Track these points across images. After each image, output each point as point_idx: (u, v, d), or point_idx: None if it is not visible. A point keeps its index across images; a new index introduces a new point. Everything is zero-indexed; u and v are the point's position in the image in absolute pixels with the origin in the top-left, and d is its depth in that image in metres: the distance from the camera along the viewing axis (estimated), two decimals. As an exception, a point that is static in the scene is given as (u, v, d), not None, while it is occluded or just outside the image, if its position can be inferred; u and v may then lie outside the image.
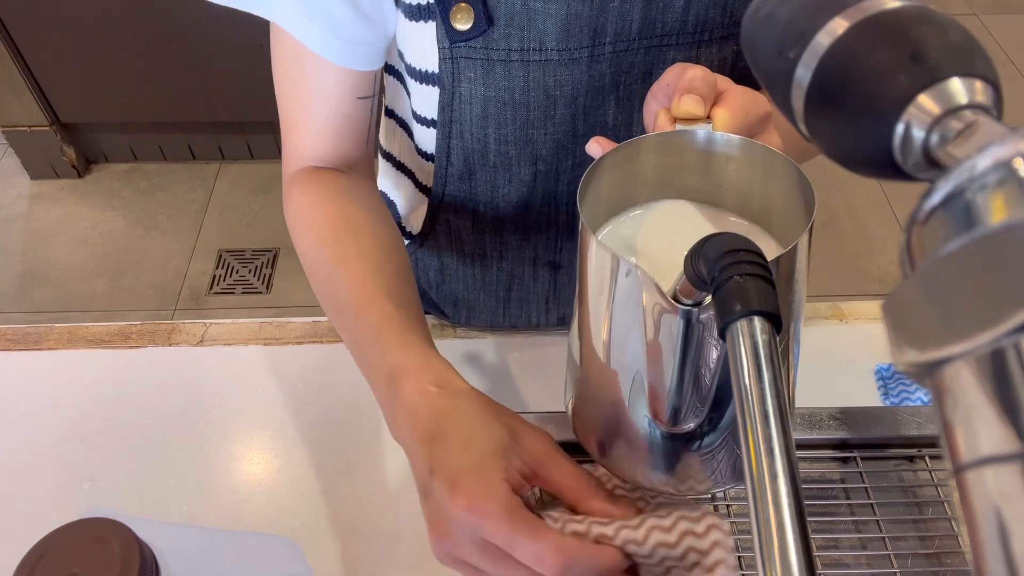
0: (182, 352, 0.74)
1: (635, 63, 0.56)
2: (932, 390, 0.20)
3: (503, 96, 0.57)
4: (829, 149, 0.28)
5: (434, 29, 0.54)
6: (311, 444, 0.67)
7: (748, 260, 0.29)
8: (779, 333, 0.28)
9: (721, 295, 0.29)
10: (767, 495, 0.25)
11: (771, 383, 0.27)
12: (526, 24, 0.53)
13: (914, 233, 0.22)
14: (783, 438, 0.26)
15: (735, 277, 0.29)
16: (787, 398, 0.28)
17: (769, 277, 0.29)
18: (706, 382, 0.39)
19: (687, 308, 0.35)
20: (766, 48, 0.29)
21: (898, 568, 0.56)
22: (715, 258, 0.30)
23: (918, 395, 0.67)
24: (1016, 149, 0.20)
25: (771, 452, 0.25)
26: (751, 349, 0.27)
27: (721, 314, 0.29)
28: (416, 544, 0.61)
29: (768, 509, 0.24)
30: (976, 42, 0.24)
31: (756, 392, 0.27)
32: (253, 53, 1.91)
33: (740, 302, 0.28)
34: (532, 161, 0.62)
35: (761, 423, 0.26)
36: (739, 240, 0.31)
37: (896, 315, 0.21)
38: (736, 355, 0.28)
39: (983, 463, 0.18)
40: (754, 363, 0.27)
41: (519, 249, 0.71)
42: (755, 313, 0.28)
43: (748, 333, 0.28)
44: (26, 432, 0.68)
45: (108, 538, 0.38)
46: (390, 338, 0.49)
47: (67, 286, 1.98)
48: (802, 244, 0.36)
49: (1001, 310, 0.17)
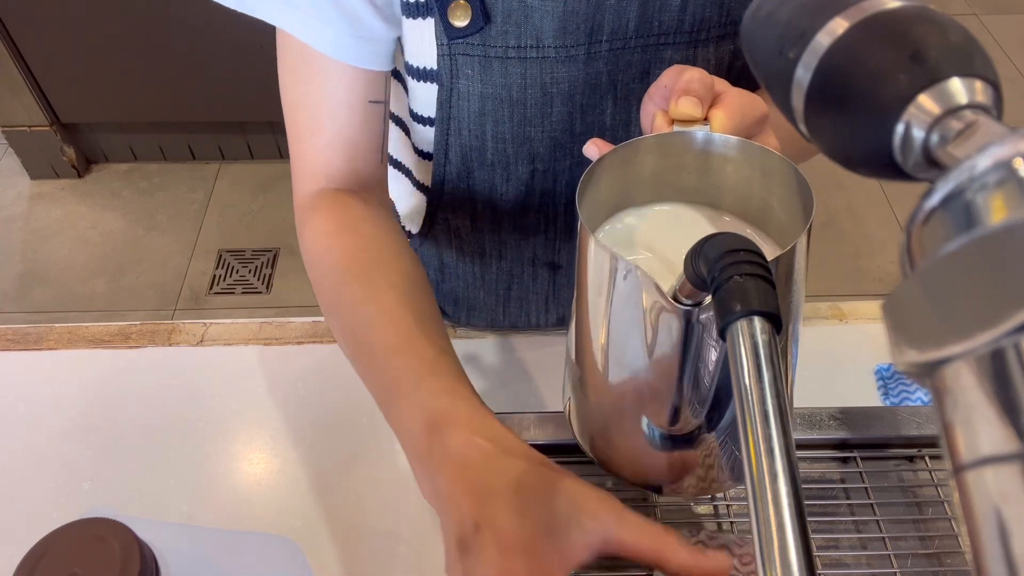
0: (182, 352, 0.74)
1: (632, 61, 0.56)
2: (932, 390, 0.20)
3: (500, 93, 0.57)
4: (829, 149, 0.28)
5: (432, 26, 0.54)
6: (311, 444, 0.67)
7: (748, 260, 0.30)
8: (779, 333, 0.29)
9: (721, 295, 0.29)
10: (767, 495, 0.25)
11: (771, 383, 0.27)
12: (523, 21, 0.53)
13: (914, 233, 0.22)
14: (783, 438, 0.26)
15: (735, 277, 0.29)
16: (787, 398, 0.28)
17: (769, 277, 0.29)
18: (705, 383, 0.39)
19: (687, 308, 0.35)
20: (766, 48, 0.29)
21: (898, 568, 0.56)
22: (715, 258, 0.30)
23: (918, 395, 0.67)
24: (1016, 149, 0.20)
25: (771, 452, 0.25)
26: (751, 349, 0.28)
27: (721, 314, 0.29)
28: (416, 544, 0.61)
29: (768, 509, 0.25)
30: (976, 42, 0.24)
31: (756, 392, 0.27)
32: (253, 53, 1.91)
33: (740, 302, 0.28)
34: (530, 160, 0.62)
35: (761, 423, 0.26)
36: (739, 240, 0.31)
37: (896, 315, 0.21)
38: (736, 355, 0.28)
39: (983, 463, 0.18)
40: (754, 363, 0.27)
41: (518, 249, 0.71)
42: (755, 313, 0.28)
43: (748, 333, 0.28)
44: (26, 432, 0.68)
45: (108, 538, 0.38)
46: (434, 384, 0.45)
47: (67, 286, 1.98)
48: (800, 245, 0.37)
49: (1001, 310, 0.17)
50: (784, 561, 0.24)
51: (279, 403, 0.70)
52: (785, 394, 0.28)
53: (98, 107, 2.11)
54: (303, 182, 0.60)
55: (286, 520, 0.63)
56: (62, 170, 2.22)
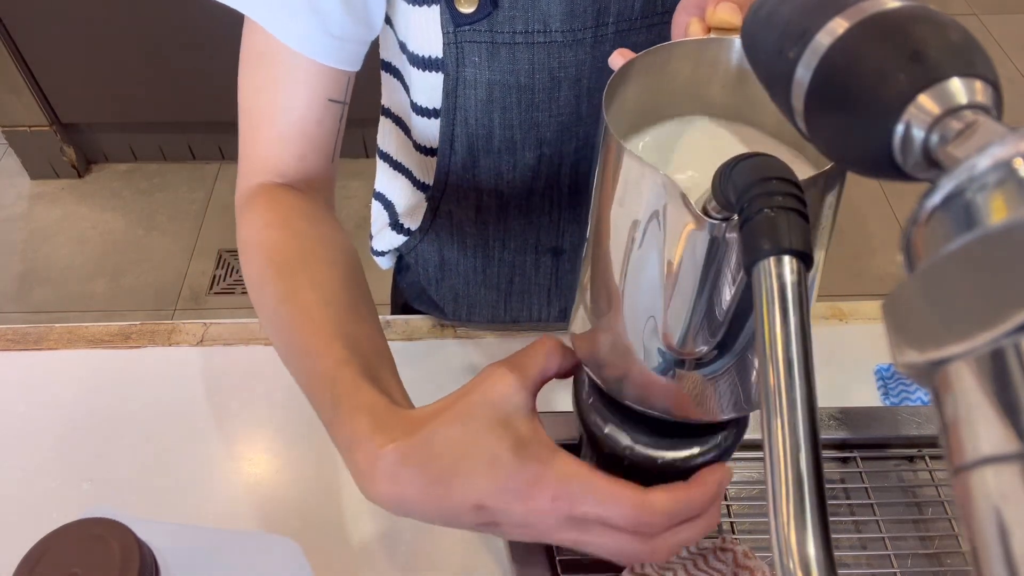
0: (182, 352, 0.74)
1: (638, 43, 0.57)
2: (932, 390, 0.20)
3: (508, 80, 0.57)
4: (829, 149, 0.28)
5: (438, 13, 0.54)
6: (311, 444, 0.67)
7: (781, 191, 0.27)
8: (808, 271, 0.27)
9: (749, 229, 0.27)
10: (786, 447, 0.24)
11: (797, 329, 0.25)
12: (530, 6, 0.53)
13: (914, 233, 0.22)
14: (806, 387, 0.25)
15: (765, 210, 0.26)
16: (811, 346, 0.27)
17: (803, 211, 0.27)
18: (725, 306, 0.37)
19: (715, 222, 0.32)
20: (766, 48, 0.29)
21: (898, 568, 0.56)
22: (745, 186, 0.28)
23: (918, 395, 0.67)
24: (1016, 149, 0.20)
25: (793, 403, 0.24)
26: (779, 291, 0.26)
27: (748, 250, 0.27)
28: (416, 544, 0.61)
29: (786, 463, 0.24)
30: (976, 42, 0.24)
31: (781, 337, 0.25)
32: (253, 53, 1.91)
33: (769, 239, 0.26)
34: (537, 144, 0.62)
35: (785, 372, 0.25)
36: (772, 166, 0.28)
37: (896, 315, 0.21)
38: (761, 296, 0.26)
39: (983, 463, 0.18)
40: (780, 306, 0.25)
41: (522, 236, 0.71)
42: (786, 252, 0.26)
43: (776, 274, 0.26)
44: (26, 432, 0.68)
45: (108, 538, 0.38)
46: (342, 396, 0.43)
47: (67, 286, 1.98)
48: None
49: (1001, 310, 0.17)
50: (799, 516, 0.23)
51: (279, 403, 0.70)
52: (811, 340, 0.26)
53: (98, 107, 2.11)
54: (249, 173, 0.58)
55: (286, 520, 0.63)
56: (62, 170, 2.22)
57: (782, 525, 0.24)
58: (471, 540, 0.61)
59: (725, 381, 0.41)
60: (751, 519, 0.60)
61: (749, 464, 0.62)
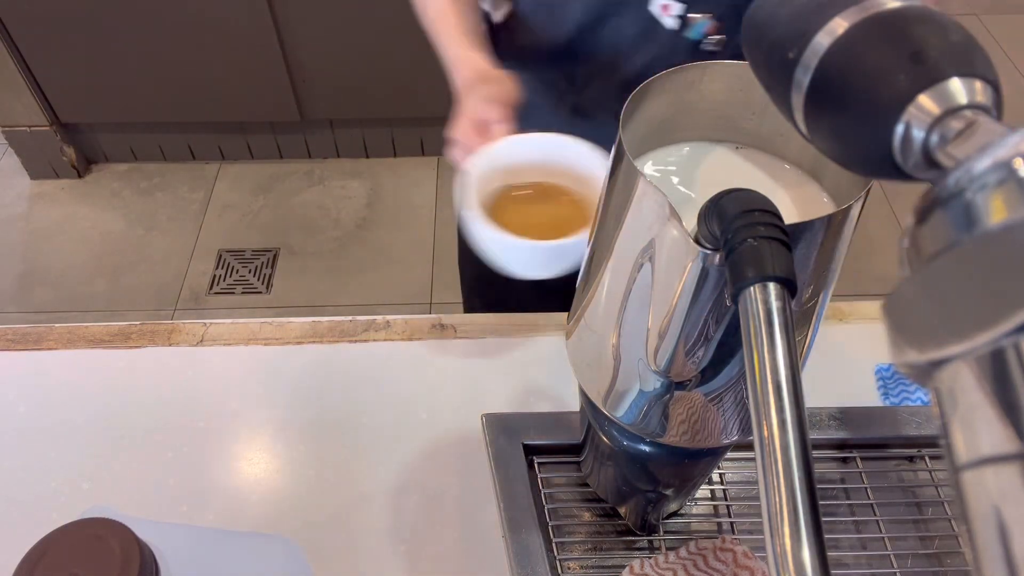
0: (182, 352, 0.74)
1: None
2: (932, 390, 0.20)
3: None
4: (829, 149, 0.28)
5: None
6: (311, 444, 0.67)
7: (764, 222, 0.28)
8: (793, 298, 0.27)
9: (734, 259, 0.28)
10: (778, 468, 0.24)
11: (785, 353, 0.26)
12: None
13: (914, 233, 0.22)
14: (795, 410, 0.25)
15: (749, 240, 0.28)
16: (799, 368, 0.27)
17: (785, 239, 0.28)
18: (715, 333, 0.37)
19: (707, 252, 0.33)
20: (766, 48, 0.29)
21: (898, 568, 0.56)
22: (729, 218, 0.29)
23: (918, 395, 0.67)
24: (1016, 149, 0.20)
25: (783, 424, 0.25)
26: (764, 316, 0.26)
27: (734, 278, 0.28)
28: (416, 544, 0.61)
29: (779, 482, 0.24)
30: (976, 42, 0.24)
31: (769, 362, 0.26)
32: (253, 53, 1.91)
33: (754, 266, 0.27)
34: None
35: (774, 395, 0.25)
36: (754, 199, 0.29)
37: (896, 315, 0.21)
38: (748, 323, 0.27)
39: (983, 463, 0.18)
40: (767, 331, 0.26)
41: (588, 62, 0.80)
42: (769, 279, 0.27)
43: (762, 300, 0.27)
44: (26, 432, 0.68)
45: (108, 538, 0.38)
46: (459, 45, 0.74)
47: (67, 286, 1.98)
48: (854, 210, 0.34)
49: (1001, 310, 0.17)
50: (794, 534, 0.23)
51: (279, 403, 0.70)
52: (799, 364, 0.27)
53: (98, 107, 2.11)
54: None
55: (286, 520, 0.63)
56: (62, 170, 2.22)
57: (778, 542, 0.24)
58: (471, 540, 0.61)
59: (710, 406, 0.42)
60: (751, 519, 0.60)
61: (749, 464, 0.62)
